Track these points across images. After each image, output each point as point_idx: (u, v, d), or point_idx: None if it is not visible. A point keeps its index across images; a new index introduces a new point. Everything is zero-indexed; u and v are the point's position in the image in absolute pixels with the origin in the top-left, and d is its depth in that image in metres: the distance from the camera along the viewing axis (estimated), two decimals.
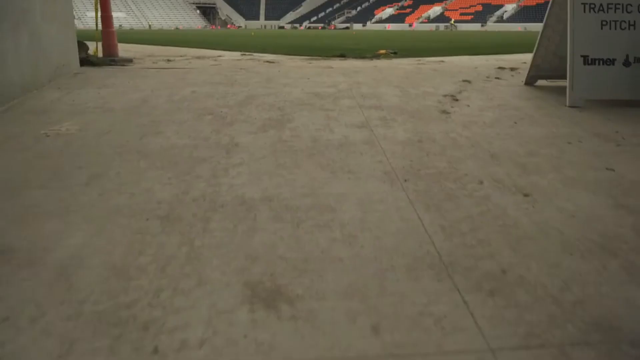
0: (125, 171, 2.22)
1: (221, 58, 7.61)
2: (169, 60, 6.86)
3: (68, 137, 2.80)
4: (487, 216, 1.77)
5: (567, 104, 3.68)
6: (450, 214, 1.78)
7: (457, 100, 3.98)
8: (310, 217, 1.75)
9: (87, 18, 75.77)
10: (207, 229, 1.64)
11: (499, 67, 5.88)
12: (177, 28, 74.06)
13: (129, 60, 6.49)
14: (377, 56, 7.85)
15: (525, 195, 1.98)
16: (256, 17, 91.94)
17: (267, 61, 6.76)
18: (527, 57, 7.32)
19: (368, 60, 7.28)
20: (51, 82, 4.47)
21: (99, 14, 6.57)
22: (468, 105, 3.77)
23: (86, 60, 5.70)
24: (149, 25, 73.74)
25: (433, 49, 10.66)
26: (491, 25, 62.00)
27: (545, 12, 4.24)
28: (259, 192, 1.98)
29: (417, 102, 3.84)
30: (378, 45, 12.33)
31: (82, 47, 7.13)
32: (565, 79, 3.76)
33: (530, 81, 4.63)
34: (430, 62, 6.71)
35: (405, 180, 2.14)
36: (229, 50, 10.09)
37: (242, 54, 8.55)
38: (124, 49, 10.18)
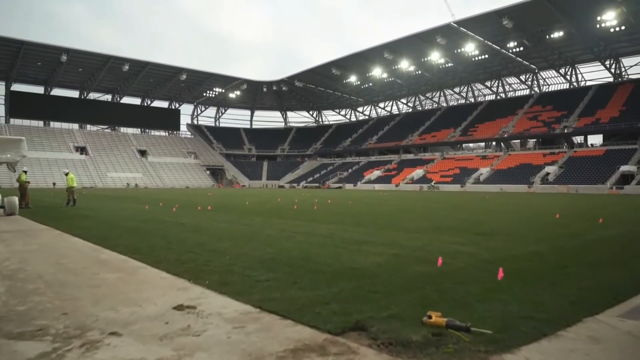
0: None
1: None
2: None
3: None
4: None
5: None
6: None
7: None
8: None
9: (107, 178, 75.37)
10: None
11: None
12: (187, 187, 73.65)
13: None
14: (436, 344, 3.65)
15: None
16: (259, 178, 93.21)
17: None
18: None
19: None
20: None
21: None
22: None
23: None
24: (136, 185, 73.98)
25: (481, 270, 6.64)
26: (470, 187, 61.34)
27: (516, 176, 0.19)
28: None
29: None
30: (388, 235, 8.34)
31: None
32: None
33: None
34: None
35: None
36: (188, 272, 6.04)
37: (187, 310, 4.40)
38: (54, 262, 5.62)
